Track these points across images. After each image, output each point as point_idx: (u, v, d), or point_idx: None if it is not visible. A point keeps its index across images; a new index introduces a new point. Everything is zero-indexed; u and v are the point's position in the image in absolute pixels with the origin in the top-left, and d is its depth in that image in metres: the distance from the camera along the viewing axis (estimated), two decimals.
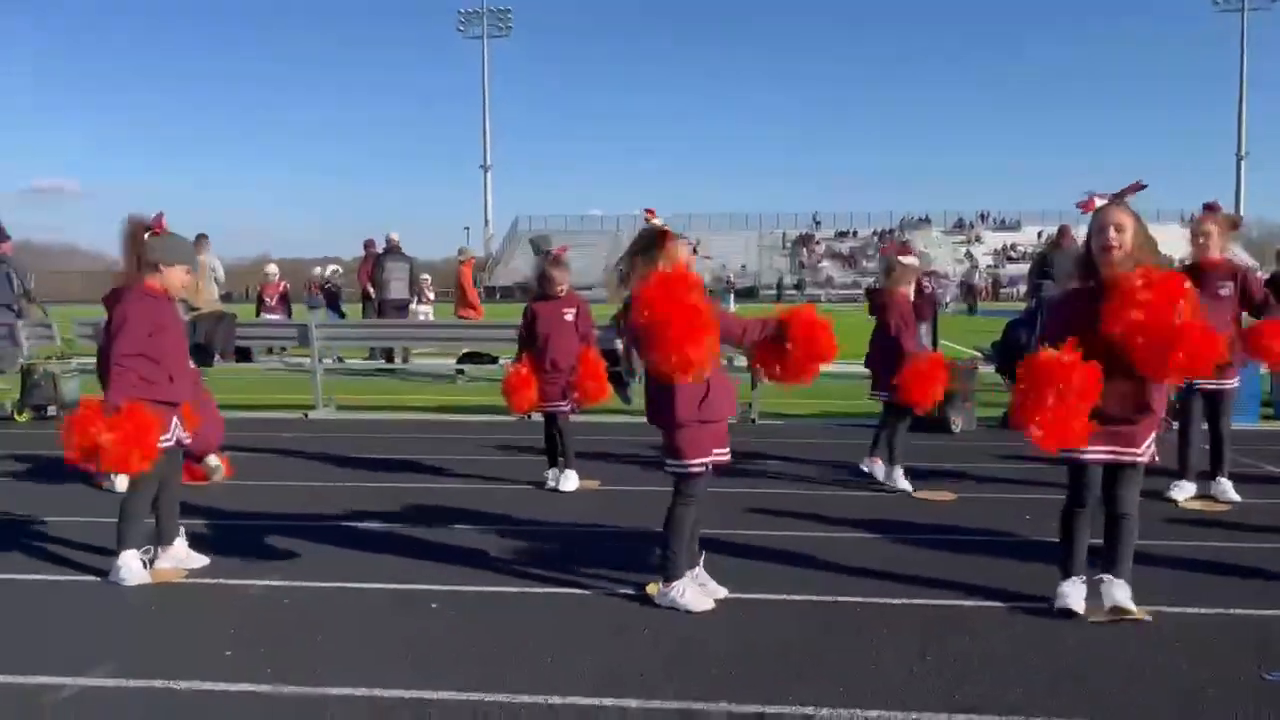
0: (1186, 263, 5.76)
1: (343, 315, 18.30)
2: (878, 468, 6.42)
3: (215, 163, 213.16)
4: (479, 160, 52.08)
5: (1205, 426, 5.93)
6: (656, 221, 4.06)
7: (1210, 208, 5.76)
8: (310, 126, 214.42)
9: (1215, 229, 5.60)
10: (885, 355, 6.32)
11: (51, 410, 9.87)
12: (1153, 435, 3.79)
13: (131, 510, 4.38)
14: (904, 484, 6.23)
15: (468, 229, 52.61)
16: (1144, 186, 3.79)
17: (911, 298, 6.55)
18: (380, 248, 15.30)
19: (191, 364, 4.85)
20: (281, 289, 17.56)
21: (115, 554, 4.36)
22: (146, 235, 4.40)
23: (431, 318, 15.84)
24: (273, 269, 18.23)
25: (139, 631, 3.79)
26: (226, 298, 16.22)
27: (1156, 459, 3.84)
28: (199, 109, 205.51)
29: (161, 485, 4.50)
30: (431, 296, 16.39)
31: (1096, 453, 3.72)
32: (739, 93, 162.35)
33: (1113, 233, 3.67)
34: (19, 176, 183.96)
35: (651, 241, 3.95)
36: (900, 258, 6.64)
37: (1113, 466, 3.78)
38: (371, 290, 15.08)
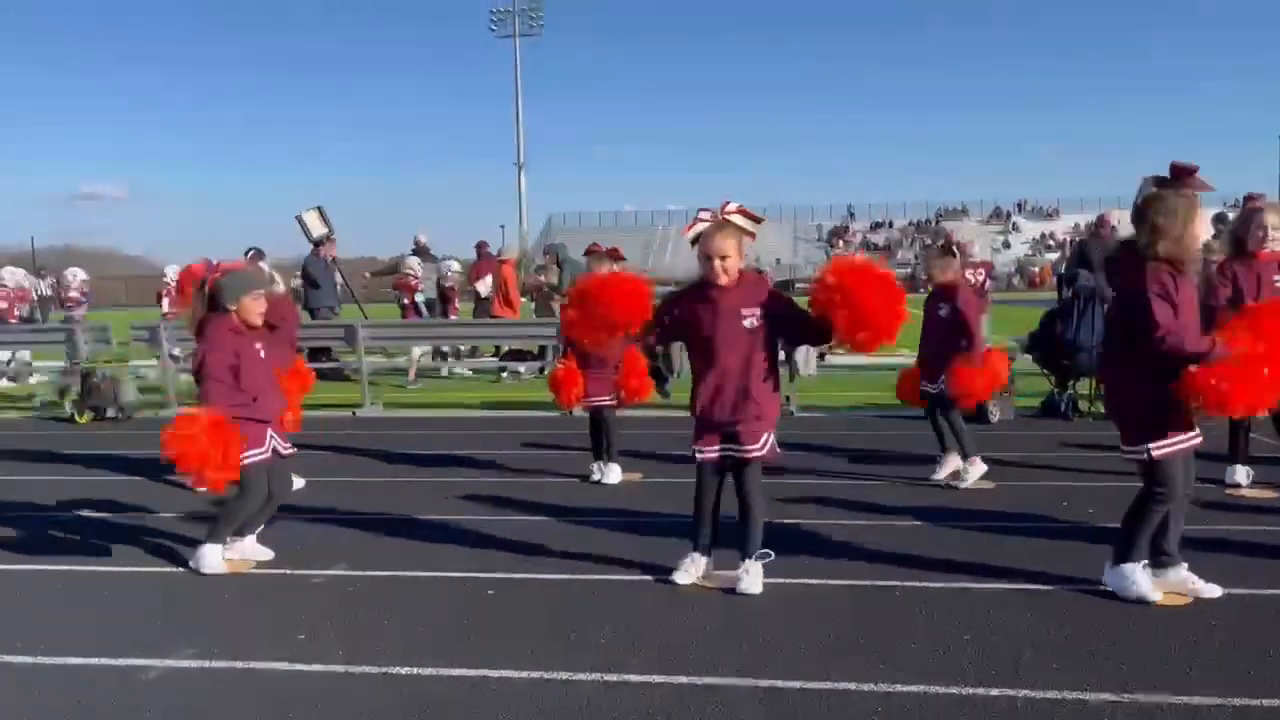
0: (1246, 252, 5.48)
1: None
2: (976, 466, 6.23)
3: (248, 164, 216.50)
4: (513, 158, 52.41)
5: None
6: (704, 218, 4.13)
7: (1253, 199, 5.77)
8: (345, 126, 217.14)
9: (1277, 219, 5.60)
10: (951, 348, 6.20)
11: (111, 412, 10.22)
12: None
13: (232, 512, 4.61)
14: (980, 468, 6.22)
15: (503, 227, 52.92)
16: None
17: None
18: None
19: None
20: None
21: (199, 544, 4.62)
22: (206, 284, 4.68)
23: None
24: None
25: (215, 617, 4.03)
26: None
27: None
28: (231, 108, 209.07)
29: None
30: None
31: (1188, 440, 3.80)
32: (771, 85, 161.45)
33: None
34: (66, 183, 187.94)
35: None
36: (936, 254, 6.62)
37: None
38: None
